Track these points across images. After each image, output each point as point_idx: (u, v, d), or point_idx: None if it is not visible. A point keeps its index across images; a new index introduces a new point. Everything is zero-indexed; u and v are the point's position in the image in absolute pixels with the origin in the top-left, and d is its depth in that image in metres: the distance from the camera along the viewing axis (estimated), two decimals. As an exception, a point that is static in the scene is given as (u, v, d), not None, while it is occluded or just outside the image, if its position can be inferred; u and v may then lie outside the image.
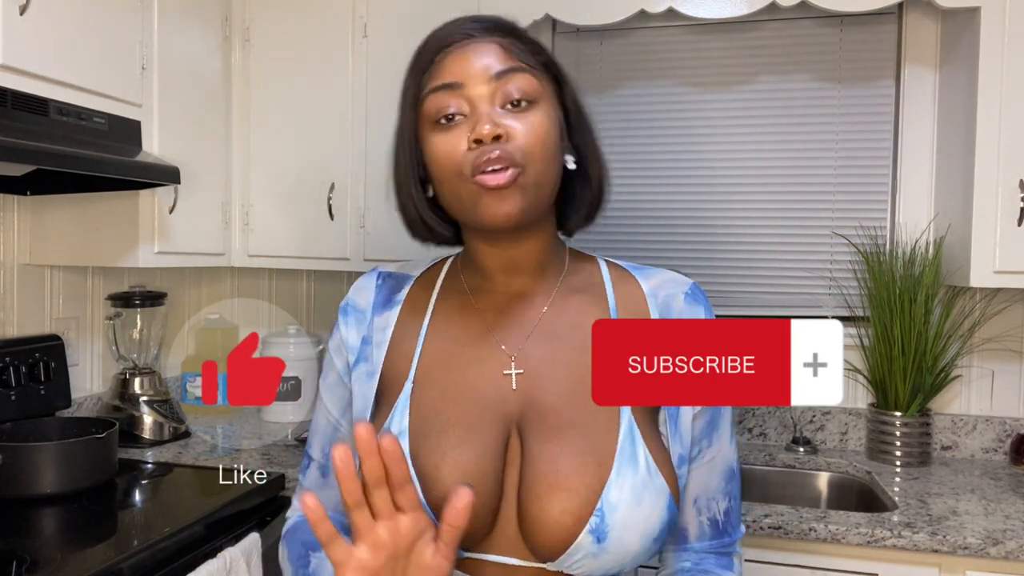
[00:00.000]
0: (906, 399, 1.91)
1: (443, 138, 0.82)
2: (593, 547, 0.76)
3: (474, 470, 0.79)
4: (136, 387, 1.98)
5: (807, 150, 2.11)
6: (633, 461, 0.79)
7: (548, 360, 0.85)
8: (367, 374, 0.89)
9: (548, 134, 0.82)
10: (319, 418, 0.96)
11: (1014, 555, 1.41)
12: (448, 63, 0.83)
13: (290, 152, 2.09)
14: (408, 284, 0.94)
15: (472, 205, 0.81)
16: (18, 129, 1.37)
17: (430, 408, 0.83)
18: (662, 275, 0.94)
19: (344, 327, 0.93)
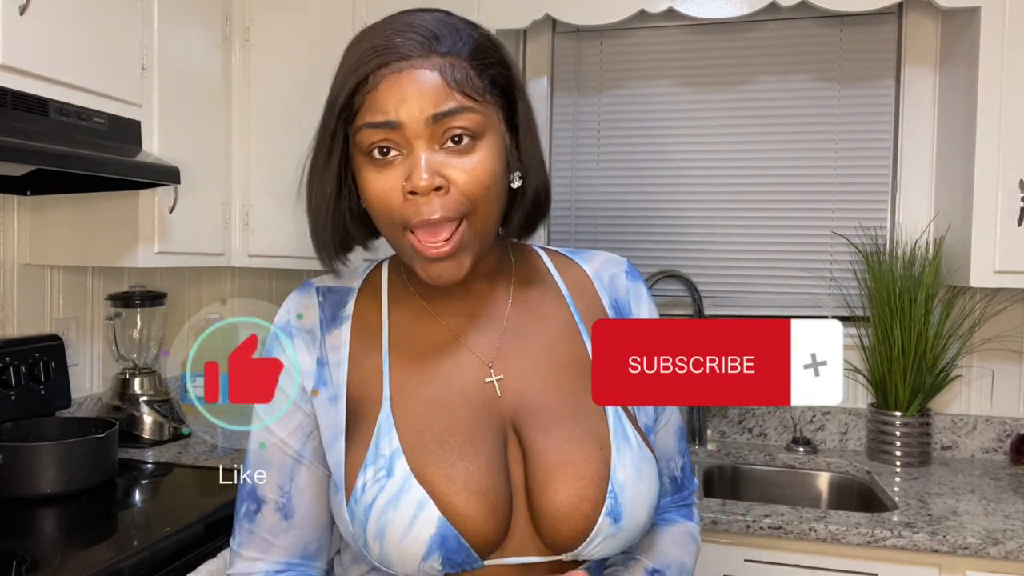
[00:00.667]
0: (906, 399, 1.91)
1: (377, 177, 0.77)
2: (611, 528, 0.77)
3: (485, 475, 0.77)
4: (136, 387, 1.98)
5: (807, 150, 2.12)
6: (626, 439, 0.81)
7: (525, 358, 0.84)
8: (330, 399, 0.83)
9: (493, 172, 0.77)
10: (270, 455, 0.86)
11: (1014, 555, 1.41)
12: (382, 93, 0.76)
13: (290, 152, 2.06)
14: (352, 297, 0.89)
15: (410, 260, 0.79)
16: (18, 129, 1.37)
17: (419, 422, 0.80)
18: (599, 256, 0.95)
19: (291, 350, 0.85)
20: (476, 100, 0.76)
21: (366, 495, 0.76)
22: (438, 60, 0.76)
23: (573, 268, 0.93)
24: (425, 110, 0.74)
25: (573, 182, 2.27)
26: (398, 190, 0.76)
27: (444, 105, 0.75)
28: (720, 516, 1.53)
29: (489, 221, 0.79)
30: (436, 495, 0.75)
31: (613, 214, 2.24)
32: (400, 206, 0.76)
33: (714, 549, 1.56)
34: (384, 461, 0.77)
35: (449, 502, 0.75)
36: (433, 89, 0.75)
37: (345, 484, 0.79)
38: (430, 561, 0.75)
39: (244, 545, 0.86)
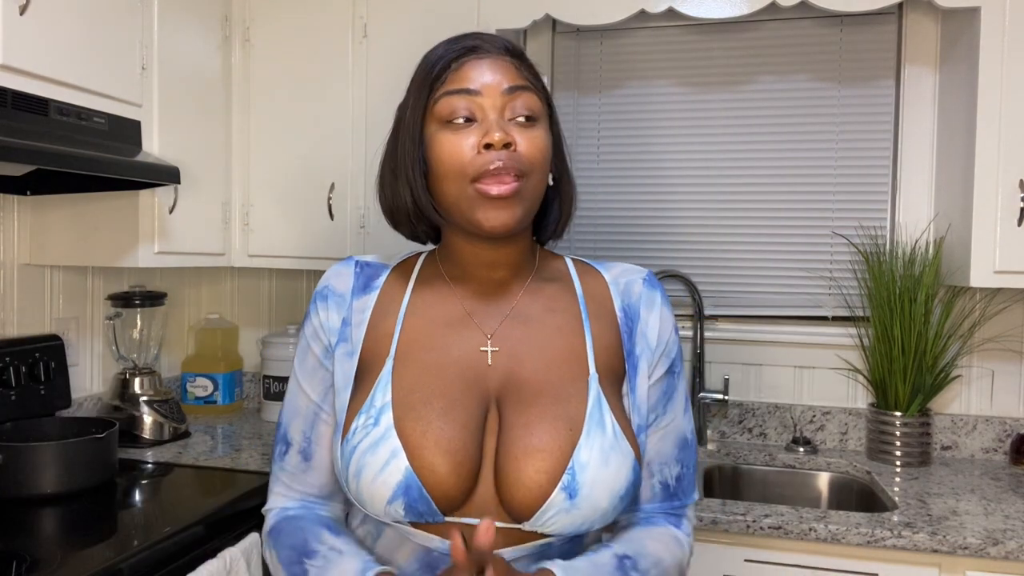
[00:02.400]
0: (906, 399, 1.91)
1: (451, 138, 0.88)
2: (565, 503, 0.83)
3: (457, 438, 0.85)
4: (136, 387, 1.98)
5: (807, 150, 2.12)
6: (601, 426, 0.87)
7: (524, 339, 0.93)
8: (347, 354, 0.94)
9: (546, 150, 0.90)
10: (297, 402, 0.98)
11: (1014, 555, 1.41)
12: (465, 71, 0.89)
13: (290, 152, 2.09)
14: (385, 272, 1.00)
15: (470, 209, 0.88)
16: (18, 129, 1.37)
17: (412, 382, 0.89)
18: (621, 266, 1.03)
19: (323, 311, 0.97)
20: (537, 89, 0.91)
21: (354, 438, 0.87)
22: (509, 58, 0.92)
23: (593, 274, 1.01)
24: (501, 83, 0.89)
25: (573, 182, 2.26)
26: (472, 147, 0.87)
27: (517, 81, 0.90)
28: (720, 516, 1.53)
29: (535, 194, 0.90)
30: (409, 448, 0.84)
31: (613, 214, 2.24)
32: (472, 159, 0.86)
33: (714, 549, 1.56)
34: (375, 412, 0.87)
35: (419, 455, 0.84)
36: (508, 70, 0.90)
37: (343, 427, 0.90)
38: (394, 505, 0.84)
39: (275, 482, 1.00)
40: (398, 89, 0.99)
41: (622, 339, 0.95)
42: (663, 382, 0.97)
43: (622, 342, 0.95)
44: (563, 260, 1.03)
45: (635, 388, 0.94)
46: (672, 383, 0.98)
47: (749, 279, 2.16)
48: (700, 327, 2.10)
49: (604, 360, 0.93)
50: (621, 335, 0.96)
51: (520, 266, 0.97)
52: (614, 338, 0.95)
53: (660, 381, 0.97)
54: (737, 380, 2.15)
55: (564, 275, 1.00)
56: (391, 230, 1.01)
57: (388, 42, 2.00)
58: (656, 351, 0.96)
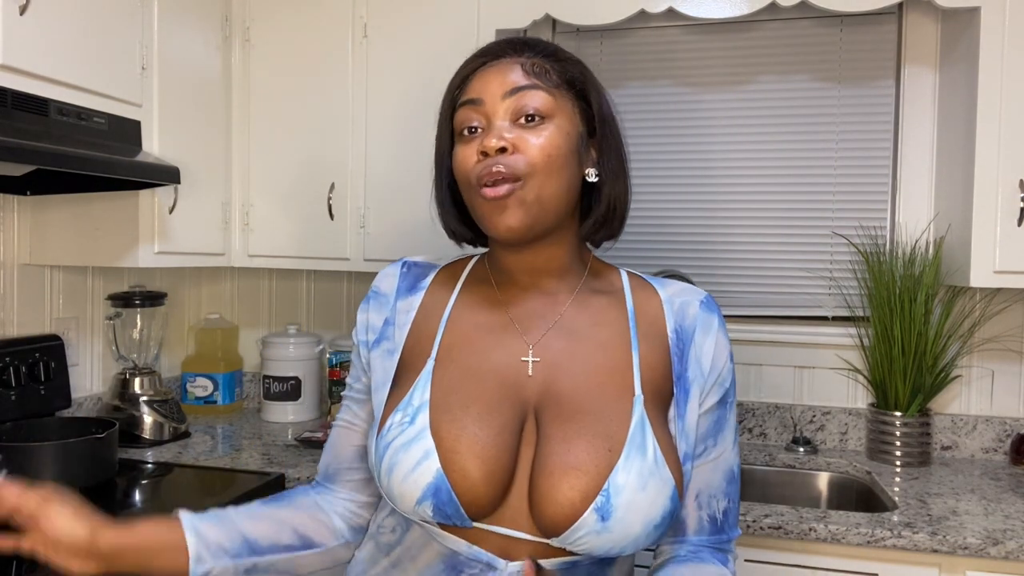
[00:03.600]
0: (906, 399, 1.91)
1: (462, 149, 0.90)
2: (597, 525, 0.81)
3: (491, 444, 0.84)
4: (136, 387, 1.98)
5: (807, 150, 2.11)
6: (642, 450, 0.83)
7: (567, 352, 0.90)
8: (388, 351, 0.95)
9: (556, 148, 0.87)
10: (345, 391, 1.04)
11: (1014, 555, 1.41)
12: (474, 81, 0.91)
13: (290, 152, 2.09)
14: (433, 272, 1.01)
15: (480, 215, 0.89)
16: (18, 129, 1.37)
17: (451, 385, 0.88)
18: (678, 285, 0.99)
19: (367, 311, 1.00)
20: (549, 86, 0.89)
21: (389, 434, 0.87)
22: (521, 58, 0.91)
23: (647, 290, 0.98)
24: (503, 88, 0.88)
25: (573, 182, 2.26)
26: (475, 154, 0.88)
27: (520, 82, 0.88)
28: (720, 516, 1.53)
29: (546, 190, 0.87)
30: (442, 450, 0.83)
31: (613, 214, 2.23)
32: (473, 166, 0.87)
33: (714, 549, 1.56)
34: (412, 410, 0.87)
35: (451, 459, 0.83)
36: (514, 71, 0.90)
37: (380, 422, 0.90)
38: (423, 505, 0.83)
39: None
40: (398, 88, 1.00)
41: (672, 361, 0.92)
42: (715, 412, 0.93)
43: (671, 364, 0.92)
44: (618, 273, 1.00)
45: (684, 414, 0.90)
46: (723, 414, 0.94)
47: (749, 279, 2.16)
48: (700, 327, 2.09)
49: (651, 381, 0.89)
50: (671, 357, 0.92)
51: (564, 273, 0.95)
52: (663, 359, 0.92)
53: (712, 411, 0.93)
54: (737, 380, 2.14)
55: (616, 289, 0.97)
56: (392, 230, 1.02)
57: (388, 42, 2.00)
58: (710, 378, 0.92)
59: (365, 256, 2.03)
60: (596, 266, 1.00)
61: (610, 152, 0.93)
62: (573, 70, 0.92)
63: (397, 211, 1.98)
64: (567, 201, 0.90)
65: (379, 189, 2.02)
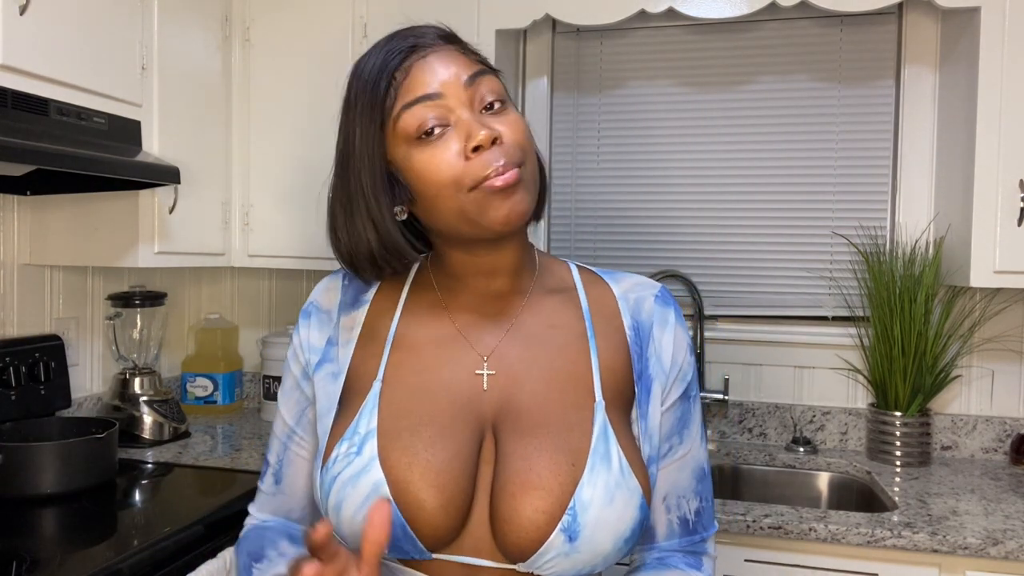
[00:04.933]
0: (906, 399, 1.91)
1: (431, 153, 0.78)
2: (565, 546, 0.75)
3: (445, 470, 0.77)
4: (136, 387, 1.98)
5: (807, 150, 2.12)
6: (606, 460, 0.78)
7: (523, 361, 0.84)
8: (332, 375, 0.87)
9: (527, 131, 0.82)
10: (276, 425, 0.94)
11: (1014, 555, 1.41)
12: (415, 75, 0.79)
13: (290, 152, 2.09)
14: (375, 284, 0.92)
15: (479, 214, 0.78)
16: (18, 129, 1.37)
17: (400, 408, 0.81)
18: (632, 279, 0.93)
19: (304, 330, 0.91)
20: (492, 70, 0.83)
21: (335, 467, 0.79)
22: (453, 47, 0.83)
23: (600, 286, 0.92)
24: (459, 75, 0.80)
25: (573, 182, 2.27)
26: (457, 153, 0.78)
27: (472, 68, 0.81)
28: (720, 516, 1.53)
29: (535, 176, 0.83)
30: (393, 481, 0.77)
31: (613, 214, 2.24)
32: (465, 168, 0.77)
33: (714, 549, 1.56)
34: (359, 439, 0.80)
35: (404, 490, 0.76)
36: (459, 61, 0.81)
37: (325, 453, 0.82)
38: None
39: (253, 502, 0.97)
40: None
41: (632, 360, 0.86)
42: (678, 407, 0.88)
43: (631, 363, 0.86)
44: (567, 268, 0.93)
45: (647, 414, 0.85)
46: (687, 408, 0.89)
47: (749, 279, 2.16)
48: (700, 327, 2.10)
49: (611, 384, 0.84)
50: (631, 356, 0.87)
51: (518, 273, 0.88)
52: (623, 359, 0.86)
53: (675, 407, 0.88)
54: (737, 380, 2.15)
55: (568, 286, 0.90)
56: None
57: (388, 42, 2.00)
58: (671, 374, 0.87)
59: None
60: (545, 262, 0.93)
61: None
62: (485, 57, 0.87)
63: (397, 211, 1.98)
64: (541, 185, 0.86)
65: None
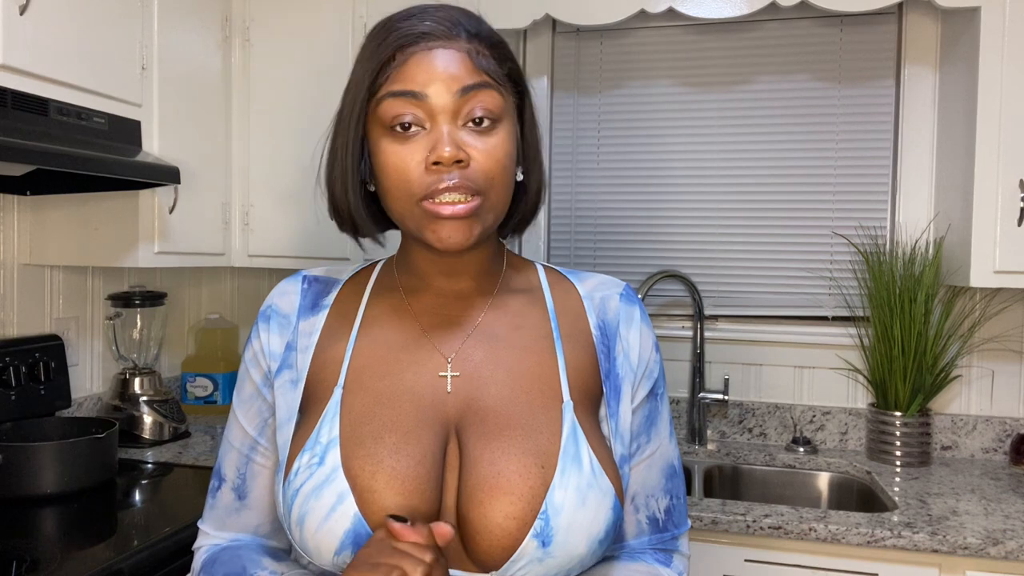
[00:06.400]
0: (906, 399, 1.91)
1: (396, 149, 0.77)
2: (538, 552, 0.73)
3: (411, 477, 0.75)
4: (136, 387, 1.98)
5: (807, 150, 2.12)
6: (577, 461, 0.76)
7: (488, 362, 0.82)
8: (291, 382, 0.84)
9: (508, 156, 0.79)
10: (232, 435, 0.89)
11: (1014, 555, 1.41)
12: (411, 66, 0.76)
13: (290, 152, 2.09)
14: (336, 287, 0.90)
15: (419, 228, 0.78)
16: (18, 129, 1.37)
17: (363, 415, 0.79)
18: (596, 278, 0.92)
19: (264, 333, 0.87)
20: (498, 82, 0.79)
21: (297, 479, 0.77)
22: (463, 43, 0.78)
23: (566, 286, 0.91)
24: (452, 85, 0.76)
25: (573, 182, 2.27)
26: (419, 162, 0.76)
27: (471, 79, 0.76)
28: (720, 516, 1.53)
29: (498, 206, 0.80)
30: (357, 490, 0.74)
31: (613, 214, 2.24)
32: (420, 177, 0.76)
33: (714, 549, 1.56)
34: (320, 449, 0.77)
35: (369, 499, 0.74)
36: (461, 65, 0.77)
37: (286, 465, 0.79)
38: (343, 556, 0.74)
39: (205, 520, 0.90)
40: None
41: (598, 359, 0.85)
42: (645, 405, 0.88)
43: (599, 363, 0.85)
44: (534, 269, 0.92)
45: (616, 413, 0.84)
46: (655, 406, 0.89)
47: (749, 279, 2.16)
48: (700, 327, 2.10)
49: (579, 384, 0.83)
50: (597, 355, 0.85)
51: (484, 275, 0.87)
52: (590, 359, 0.85)
53: (643, 405, 0.87)
54: (737, 380, 2.15)
55: (534, 287, 0.89)
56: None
57: (388, 42, 2.00)
58: (638, 372, 0.87)
59: (365, 256, 2.02)
60: (513, 262, 0.92)
61: (533, 143, 0.87)
62: (511, 59, 0.82)
63: (397, 211, 1.98)
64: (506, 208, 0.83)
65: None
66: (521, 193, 0.86)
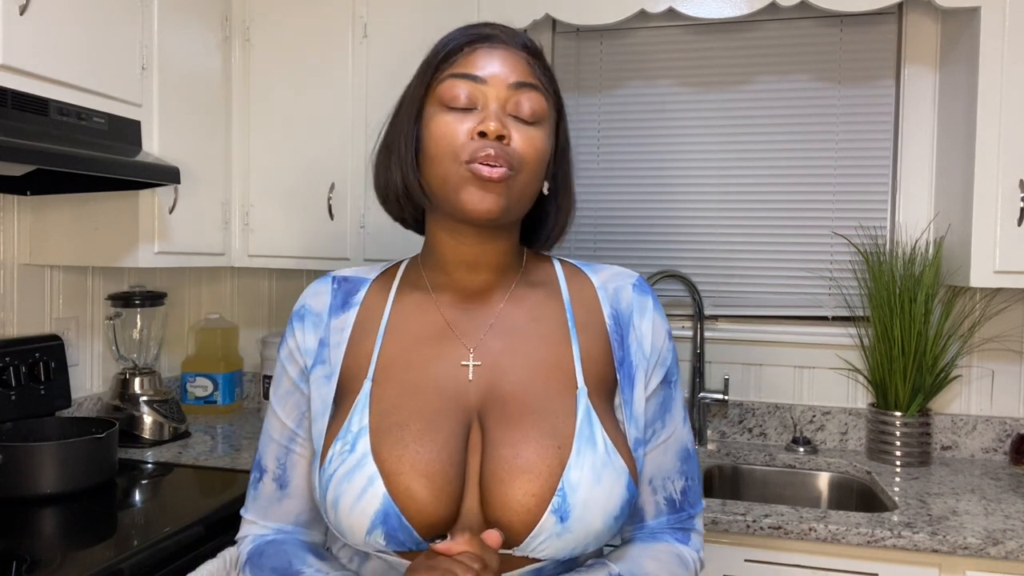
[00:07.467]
0: (906, 399, 1.91)
1: (449, 120, 0.85)
2: (557, 527, 0.79)
3: (435, 461, 0.81)
4: (136, 387, 1.98)
5: (807, 150, 2.12)
6: (591, 443, 0.82)
7: (507, 351, 0.88)
8: (325, 376, 0.90)
9: (543, 152, 0.87)
10: (271, 428, 0.95)
11: (1014, 555, 1.41)
12: (477, 56, 0.87)
13: (290, 152, 2.09)
14: (364, 286, 0.96)
15: (456, 189, 0.84)
16: (18, 129, 1.37)
17: (390, 404, 0.85)
18: (610, 270, 0.98)
19: (300, 332, 0.94)
20: (545, 91, 0.89)
21: (331, 465, 0.83)
22: (522, 52, 0.89)
23: (580, 278, 0.96)
24: (509, 76, 0.86)
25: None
26: (467, 132, 0.84)
27: (524, 78, 0.87)
28: (720, 516, 1.53)
29: (525, 193, 0.87)
30: (386, 474, 0.80)
31: (613, 214, 2.24)
32: (465, 143, 0.84)
33: (714, 549, 1.56)
34: (351, 437, 0.83)
35: (397, 482, 0.79)
36: (520, 64, 0.88)
37: (321, 454, 0.85)
38: (374, 535, 0.80)
39: (248, 510, 0.97)
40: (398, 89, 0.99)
41: (612, 348, 0.90)
42: (660, 393, 0.93)
43: (612, 352, 0.90)
44: (551, 263, 0.98)
45: (631, 400, 0.89)
46: (669, 393, 0.94)
47: (749, 279, 2.16)
48: (700, 327, 2.10)
49: (593, 372, 0.88)
50: (611, 344, 0.91)
51: (504, 269, 0.93)
52: (603, 348, 0.90)
53: (657, 392, 0.92)
54: (737, 380, 2.15)
55: (551, 280, 0.95)
56: (391, 230, 0.99)
57: (388, 42, 2.00)
58: (651, 360, 0.92)
59: (365, 256, 2.03)
60: (531, 259, 0.98)
61: (568, 169, 0.95)
62: (556, 86, 0.92)
63: (397, 211, 1.98)
64: (531, 203, 0.90)
65: (379, 189, 2.02)
66: (552, 210, 0.95)
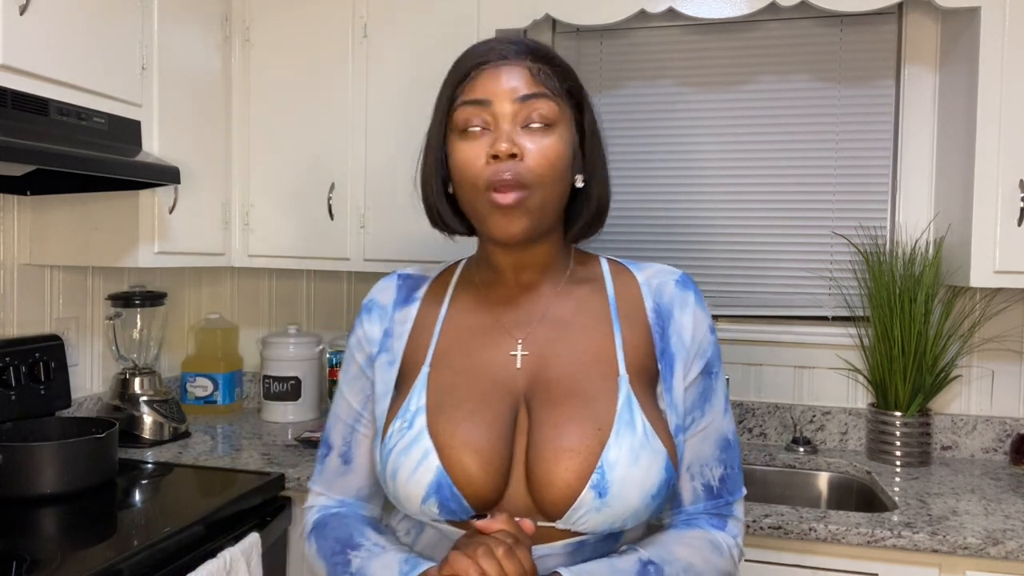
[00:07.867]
0: (906, 399, 1.91)
1: (466, 147, 0.91)
2: (596, 502, 0.85)
3: (484, 437, 0.88)
4: (136, 387, 1.98)
5: (807, 150, 2.12)
6: (631, 426, 0.88)
7: (553, 341, 0.95)
8: (388, 363, 1.00)
9: (559, 157, 0.91)
10: (339, 409, 1.05)
11: (1014, 555, 1.41)
12: (481, 80, 0.92)
13: (290, 152, 2.09)
14: (426, 283, 1.05)
15: (483, 218, 0.91)
16: (18, 129, 1.37)
17: (445, 387, 0.93)
18: (654, 267, 1.04)
19: (367, 323, 1.03)
20: (554, 95, 0.92)
21: (391, 441, 0.92)
22: (527, 63, 0.93)
23: (625, 274, 1.02)
24: (513, 94, 0.90)
25: (573, 182, 2.26)
26: (482, 156, 0.90)
27: (529, 90, 0.91)
28: (720, 516, 1.53)
29: (549, 203, 0.92)
30: (440, 448, 0.88)
31: (613, 214, 2.21)
32: (482, 168, 0.89)
33: (714, 549, 1.56)
34: (410, 415, 0.92)
35: (449, 454, 0.88)
36: (522, 79, 0.92)
37: (383, 431, 0.95)
38: (429, 504, 0.88)
39: (315, 481, 1.07)
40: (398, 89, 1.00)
41: (654, 339, 0.96)
42: (699, 383, 0.97)
43: (654, 343, 0.96)
44: (598, 261, 1.05)
45: (671, 388, 0.94)
46: (709, 384, 0.98)
47: (749, 279, 2.16)
48: (700, 327, 2.09)
49: (635, 360, 0.94)
50: (653, 335, 0.96)
51: (549, 268, 1.00)
52: (645, 339, 0.96)
53: (696, 382, 0.97)
54: (737, 380, 2.14)
55: (597, 277, 1.02)
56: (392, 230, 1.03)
57: (388, 42, 2.00)
58: (691, 351, 0.96)
59: (365, 256, 2.03)
60: (579, 257, 1.04)
61: (596, 157, 0.99)
62: (571, 79, 0.96)
63: (397, 211, 1.98)
64: (562, 206, 0.95)
65: (379, 189, 2.02)
66: (583, 200, 0.98)
